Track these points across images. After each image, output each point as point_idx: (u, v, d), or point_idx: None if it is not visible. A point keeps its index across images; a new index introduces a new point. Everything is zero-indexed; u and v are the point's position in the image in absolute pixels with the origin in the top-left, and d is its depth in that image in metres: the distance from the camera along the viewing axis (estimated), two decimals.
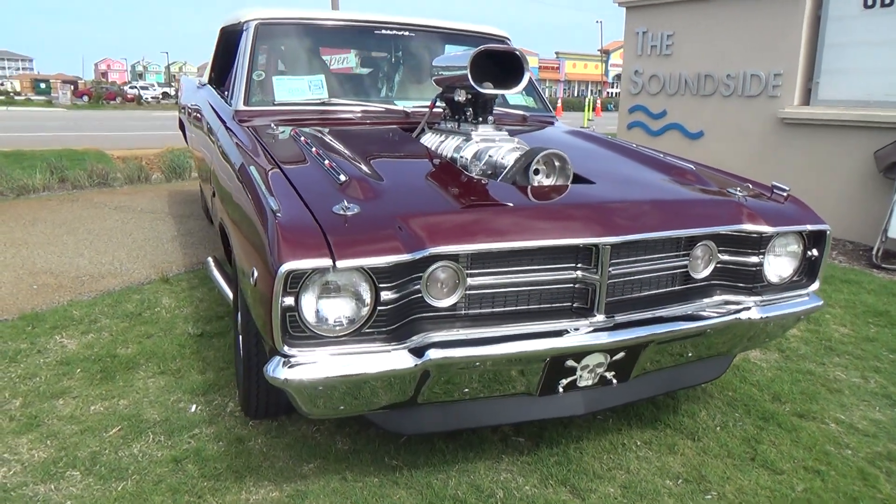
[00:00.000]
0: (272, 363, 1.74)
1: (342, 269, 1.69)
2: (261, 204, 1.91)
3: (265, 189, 1.98)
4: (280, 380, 1.70)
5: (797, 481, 2.22)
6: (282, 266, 1.63)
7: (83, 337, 3.13)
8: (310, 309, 1.73)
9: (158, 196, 6.73)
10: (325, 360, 1.73)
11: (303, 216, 1.81)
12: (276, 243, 1.69)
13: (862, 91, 5.35)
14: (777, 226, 2.25)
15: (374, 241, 1.76)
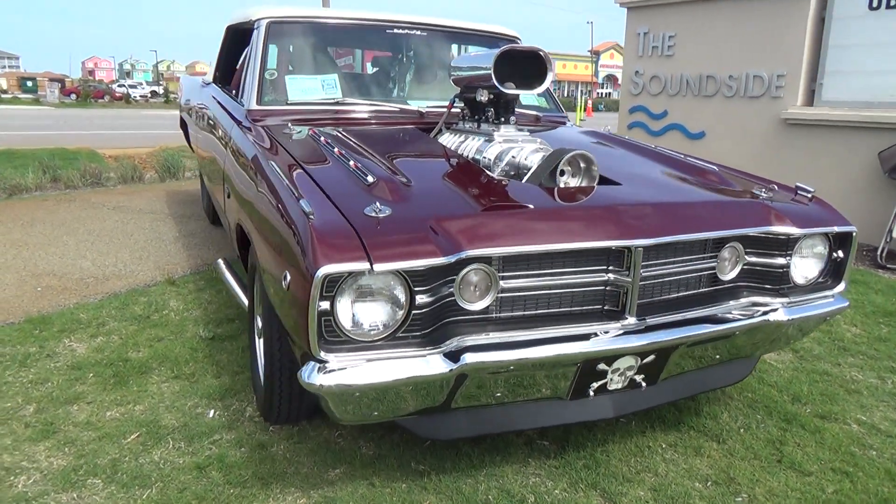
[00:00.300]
0: (307, 369, 1.70)
1: (379, 272, 1.66)
2: (291, 206, 1.87)
3: (294, 191, 1.94)
4: (316, 385, 1.67)
5: (826, 483, 2.21)
6: (319, 270, 1.60)
7: (92, 340, 3.08)
8: (345, 313, 1.70)
9: (156, 196, 6.65)
10: (361, 365, 1.70)
11: (336, 218, 1.77)
12: (311, 247, 1.66)
13: (866, 92, 5.37)
14: (804, 227, 2.24)
15: (409, 243, 1.73)
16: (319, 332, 1.66)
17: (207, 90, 4.26)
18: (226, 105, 3.43)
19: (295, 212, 1.83)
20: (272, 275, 1.96)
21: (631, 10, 7.13)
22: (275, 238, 1.94)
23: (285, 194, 1.97)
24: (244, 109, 3.05)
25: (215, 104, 3.70)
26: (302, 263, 1.67)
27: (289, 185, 2.02)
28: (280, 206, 1.95)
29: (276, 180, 2.11)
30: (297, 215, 1.81)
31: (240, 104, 3.17)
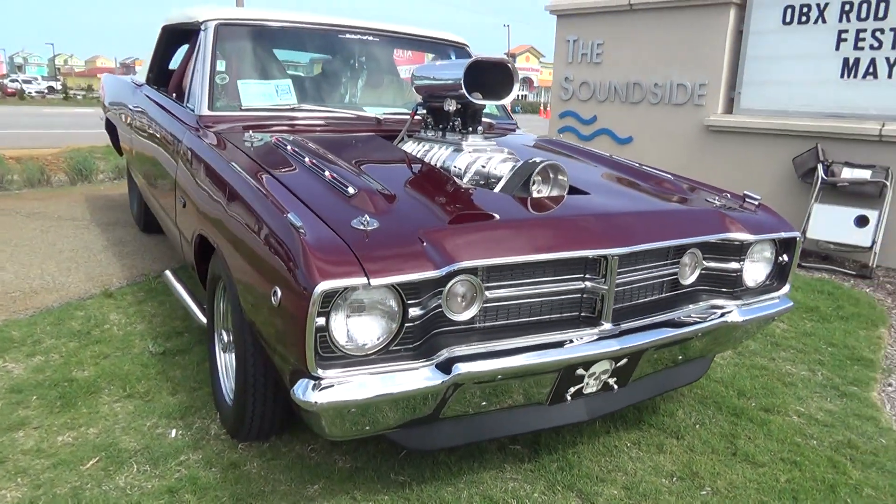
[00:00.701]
0: (301, 386, 1.67)
1: (376, 286, 1.65)
2: (276, 220, 1.83)
3: (276, 203, 1.89)
4: (311, 403, 1.64)
5: (779, 473, 2.36)
6: (317, 287, 1.57)
7: (29, 360, 2.88)
8: (340, 329, 1.68)
9: (74, 201, 6.28)
10: (357, 380, 1.68)
11: (326, 232, 1.74)
12: (306, 263, 1.62)
13: (781, 101, 5.75)
14: (757, 233, 2.39)
15: (403, 256, 1.73)
16: (315, 349, 1.63)
17: (142, 92, 4.06)
18: (171, 109, 3.29)
19: (282, 226, 1.79)
20: (254, 290, 1.91)
21: (560, 17, 7.32)
22: (257, 253, 1.88)
23: (266, 207, 1.92)
24: (194, 115, 2.94)
25: (156, 108, 3.53)
26: (295, 279, 1.63)
27: (268, 197, 1.96)
28: (262, 219, 1.89)
29: (251, 192, 2.05)
30: (284, 230, 1.76)
31: (188, 109, 3.05)
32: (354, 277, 1.62)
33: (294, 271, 1.65)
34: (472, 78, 2.51)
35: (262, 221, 1.89)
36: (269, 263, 1.79)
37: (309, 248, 1.65)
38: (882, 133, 5.13)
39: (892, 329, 3.98)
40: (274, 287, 1.71)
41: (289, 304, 1.66)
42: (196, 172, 2.56)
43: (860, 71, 5.33)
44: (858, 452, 2.54)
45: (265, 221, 1.88)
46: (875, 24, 5.22)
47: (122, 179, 7.88)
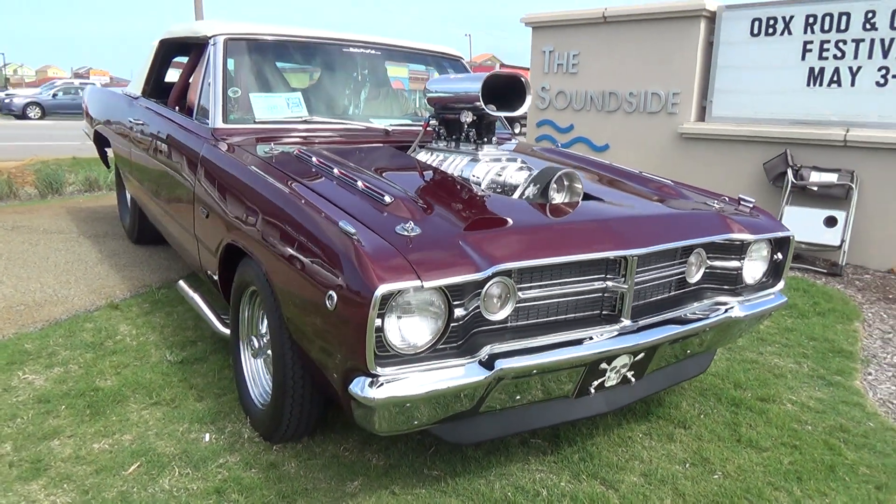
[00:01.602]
0: (358, 383, 1.77)
1: (428, 288, 1.76)
2: (327, 228, 1.92)
3: (325, 212, 1.99)
4: (370, 398, 1.74)
5: (781, 456, 2.54)
6: (377, 289, 1.68)
7: (48, 372, 2.90)
8: (393, 329, 1.78)
9: (56, 214, 6.21)
10: (411, 377, 1.79)
11: (376, 238, 1.85)
12: (364, 267, 1.73)
13: (750, 109, 6.03)
14: (756, 233, 2.57)
15: (449, 260, 1.84)
16: (373, 348, 1.73)
17: (140, 105, 4.09)
18: (181, 123, 3.34)
19: (333, 233, 1.88)
20: (301, 295, 2.00)
21: (536, 29, 7.53)
22: (306, 260, 1.97)
23: (312, 216, 2.02)
24: (209, 128, 3.01)
25: (163, 121, 3.57)
26: (353, 284, 1.73)
27: (312, 207, 2.06)
28: (310, 227, 1.99)
29: (292, 202, 2.14)
30: (336, 237, 1.86)
31: (201, 122, 3.11)
32: (409, 280, 1.73)
33: (352, 276, 1.75)
34: (487, 91, 2.64)
35: (311, 230, 1.99)
36: (322, 269, 1.89)
37: (366, 254, 1.76)
38: (847, 138, 5.43)
39: (865, 323, 4.23)
40: (329, 292, 1.81)
41: (346, 307, 1.75)
42: (222, 184, 2.63)
43: (825, 80, 5.64)
44: (850, 435, 2.73)
45: (314, 230, 1.97)
46: (838, 36, 5.53)
47: (95, 192, 7.81)
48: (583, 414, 2.34)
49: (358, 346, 1.73)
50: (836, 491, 2.33)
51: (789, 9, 5.77)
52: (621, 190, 2.81)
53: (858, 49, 5.44)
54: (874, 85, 5.39)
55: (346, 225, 1.85)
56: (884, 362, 3.59)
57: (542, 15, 7.45)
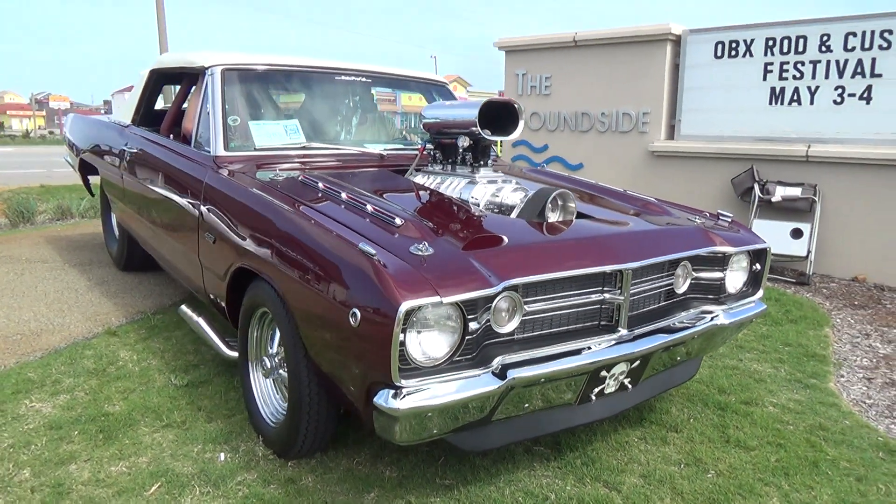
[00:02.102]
0: (382, 396, 1.87)
1: (447, 303, 1.88)
2: (346, 249, 2.04)
3: (342, 234, 2.10)
4: (395, 409, 1.84)
5: (768, 454, 2.70)
6: (401, 305, 1.79)
7: (55, 399, 2.93)
8: (414, 343, 1.90)
9: (35, 243, 6.17)
10: (432, 388, 1.90)
11: (394, 258, 1.97)
12: (387, 285, 1.84)
13: (716, 128, 6.31)
14: (737, 246, 2.75)
15: (463, 277, 1.97)
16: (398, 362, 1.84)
17: (132, 133, 4.15)
18: (179, 150, 3.42)
19: (353, 255, 2.00)
20: (320, 314, 2.09)
21: (509, 53, 7.76)
22: (325, 280, 2.07)
23: (329, 238, 2.13)
24: (210, 156, 3.10)
25: (158, 148, 3.65)
26: (378, 301, 1.85)
27: (326, 230, 2.17)
28: (328, 249, 2.10)
29: (307, 225, 2.25)
30: (357, 258, 1.98)
31: (202, 150, 3.20)
32: (429, 297, 1.85)
33: (375, 294, 1.86)
34: (482, 116, 2.79)
35: (330, 252, 2.10)
36: (343, 289, 1.99)
37: (388, 273, 1.87)
38: (808, 154, 5.73)
39: (834, 328, 4.46)
40: (351, 309, 1.91)
41: (370, 324, 1.86)
42: (231, 210, 2.72)
43: (786, 98, 5.95)
44: (829, 433, 2.91)
45: (333, 252, 2.08)
46: (796, 58, 5.85)
47: (68, 220, 7.74)
48: (585, 420, 2.47)
49: (382, 359, 1.84)
50: (820, 484, 2.50)
51: (750, 32, 6.08)
52: (609, 208, 2.98)
53: (816, 70, 5.76)
54: (832, 103, 5.71)
55: (365, 246, 1.97)
56: (854, 365, 3.81)
57: (514, 39, 7.69)
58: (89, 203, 8.14)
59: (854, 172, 5.58)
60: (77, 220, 7.78)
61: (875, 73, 5.48)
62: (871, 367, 3.77)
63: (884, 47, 5.42)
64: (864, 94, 5.55)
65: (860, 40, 5.51)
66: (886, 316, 4.74)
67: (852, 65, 5.57)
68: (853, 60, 5.57)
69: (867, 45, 5.48)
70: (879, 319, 4.66)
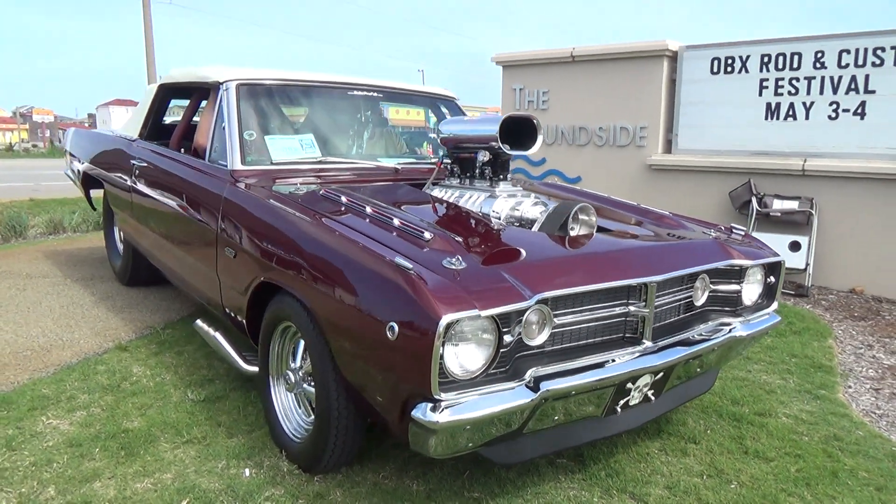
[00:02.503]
0: (420, 409, 1.88)
1: (484, 316, 1.90)
2: (379, 263, 2.05)
3: (377, 249, 2.12)
4: (434, 422, 1.85)
5: (788, 465, 2.73)
6: (442, 319, 1.80)
7: (72, 416, 2.90)
8: (451, 356, 1.91)
9: (33, 258, 6.11)
10: (471, 400, 1.91)
11: (429, 272, 1.98)
12: (426, 299, 1.86)
13: (713, 142, 6.40)
14: (753, 259, 2.79)
15: (498, 290, 1.99)
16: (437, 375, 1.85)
17: (140, 147, 4.15)
18: (193, 165, 3.42)
19: (389, 269, 2.01)
20: (353, 328, 2.10)
21: (506, 68, 7.84)
22: (360, 294, 2.08)
23: (364, 253, 2.14)
24: (227, 170, 3.10)
25: (171, 163, 3.64)
26: (417, 315, 1.86)
27: (361, 244, 2.18)
28: (363, 264, 2.10)
29: (339, 240, 2.26)
30: (392, 271, 1.99)
31: (217, 165, 3.21)
32: (468, 310, 1.87)
33: (414, 308, 1.87)
34: (502, 131, 2.82)
35: (363, 266, 2.11)
36: (379, 303, 2.00)
37: (427, 286, 1.89)
38: (805, 168, 5.82)
39: (837, 340, 4.52)
40: (389, 323, 1.92)
41: (408, 337, 1.87)
42: (253, 224, 2.72)
43: (781, 114, 6.05)
44: (844, 444, 2.95)
45: (367, 266, 2.09)
46: (791, 74, 5.96)
47: (60, 235, 7.65)
48: (612, 432, 2.48)
49: (422, 372, 1.85)
50: (842, 494, 2.53)
51: (745, 49, 6.20)
52: (626, 221, 3.02)
53: (811, 86, 5.87)
54: (826, 119, 5.82)
55: (401, 261, 1.98)
56: (860, 375, 3.86)
57: (511, 55, 7.77)
58: (81, 217, 8.09)
59: (850, 186, 5.68)
60: (70, 235, 7.71)
61: (868, 89, 5.60)
62: (877, 378, 3.83)
63: (877, 64, 5.54)
64: (858, 109, 5.66)
65: (853, 57, 5.63)
66: (886, 327, 4.82)
67: (846, 81, 5.69)
68: (847, 77, 5.68)
69: (860, 62, 5.60)
70: (880, 331, 4.73)
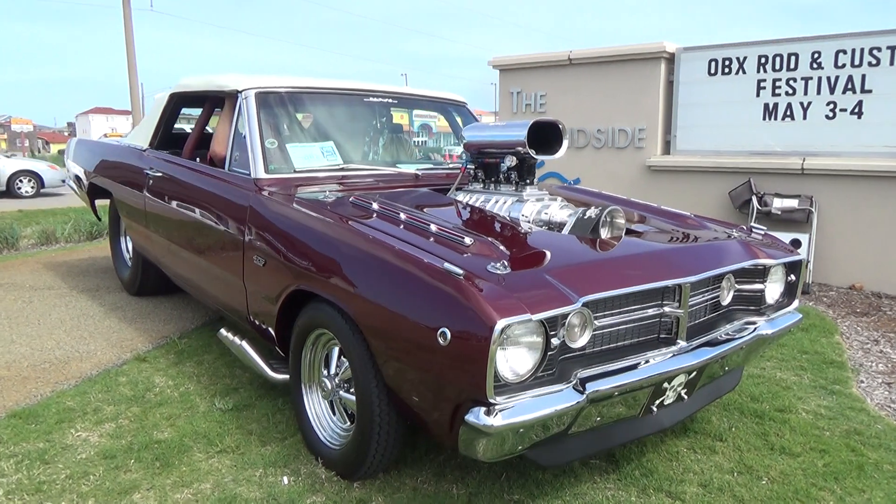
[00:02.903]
0: (474, 413, 1.90)
1: (535, 320, 1.92)
2: (426, 269, 2.06)
3: (421, 255, 2.13)
4: (489, 426, 1.87)
5: (815, 459, 2.78)
6: (497, 323, 1.83)
7: (100, 428, 2.88)
8: (502, 360, 1.93)
9: (33, 270, 6.04)
10: (522, 403, 1.93)
11: (477, 278, 2.00)
12: (480, 304, 1.88)
13: (711, 142, 6.49)
14: (776, 258, 2.85)
15: (546, 294, 2.01)
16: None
17: (152, 156, 4.13)
18: (213, 174, 3.41)
19: (436, 274, 2.03)
20: (402, 335, 2.10)
21: (503, 71, 7.89)
22: (407, 300, 2.09)
23: (407, 259, 2.15)
24: (250, 179, 3.10)
25: (189, 172, 3.63)
26: (469, 320, 1.88)
27: (401, 251, 2.20)
28: (410, 270, 2.12)
29: (381, 246, 2.27)
30: (441, 277, 2.01)
31: (239, 173, 3.20)
32: (521, 314, 1.89)
33: (466, 313, 1.89)
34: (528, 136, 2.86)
35: (408, 272, 2.12)
36: (427, 309, 2.02)
37: (480, 292, 1.91)
38: (804, 166, 5.92)
39: (843, 336, 4.60)
40: (440, 329, 1.94)
41: (462, 342, 1.89)
42: (286, 232, 2.72)
43: (779, 114, 6.15)
44: (865, 438, 3.00)
45: (412, 272, 2.11)
46: (788, 74, 6.06)
47: (52, 246, 7.55)
48: (649, 431, 2.51)
49: (476, 377, 1.86)
50: (871, 487, 2.58)
51: (742, 50, 6.29)
52: (650, 224, 3.05)
53: (808, 86, 5.97)
54: (824, 118, 5.91)
55: (451, 266, 2.00)
56: (871, 370, 3.93)
57: (509, 58, 7.82)
58: (73, 227, 8.02)
59: (848, 184, 5.78)
60: (63, 246, 7.63)
61: (865, 88, 5.71)
62: (887, 373, 3.90)
63: (873, 64, 5.65)
64: (855, 108, 5.77)
65: (850, 57, 5.73)
66: (889, 322, 4.91)
67: (843, 81, 5.79)
68: (844, 77, 5.79)
69: (857, 62, 5.71)
70: (883, 326, 4.81)
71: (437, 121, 21.49)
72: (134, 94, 23.42)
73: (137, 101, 24.17)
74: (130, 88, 23.33)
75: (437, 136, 27.03)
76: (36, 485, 2.42)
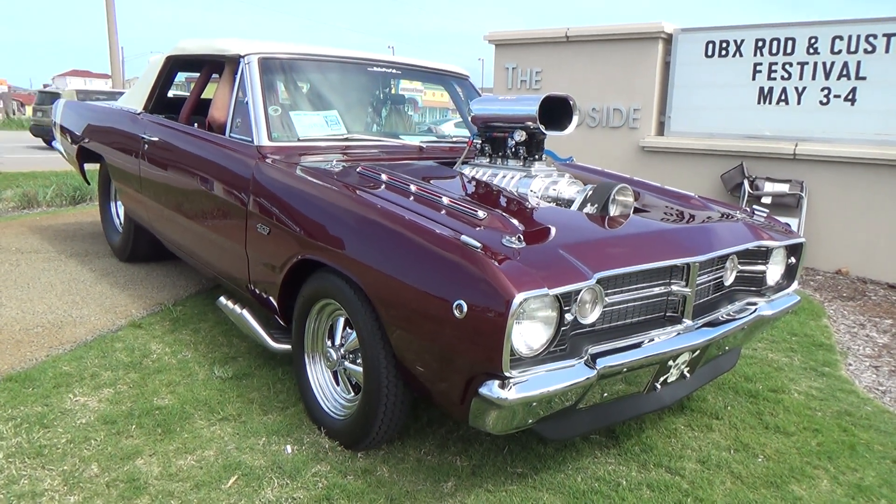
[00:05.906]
0: (488, 386, 1.90)
1: (552, 295, 1.92)
2: (442, 241, 2.05)
3: (436, 228, 2.12)
4: (504, 399, 1.87)
5: (808, 438, 2.84)
6: (515, 297, 1.82)
7: (99, 393, 2.85)
8: (517, 334, 1.93)
9: (19, 233, 5.92)
10: (536, 377, 1.94)
11: (493, 251, 1.99)
12: (498, 278, 1.87)
13: (706, 124, 6.51)
14: (779, 240, 2.87)
15: (561, 269, 2.02)
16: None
17: (147, 120, 4.04)
18: (214, 140, 3.34)
19: (452, 246, 2.01)
20: (415, 307, 2.09)
21: (499, 46, 7.81)
22: (422, 272, 2.08)
23: (422, 230, 2.13)
24: (253, 146, 3.05)
25: (187, 138, 3.56)
26: (486, 293, 1.87)
27: (415, 222, 2.18)
28: (425, 242, 2.10)
29: (395, 217, 2.25)
30: (457, 249, 1.99)
31: (241, 140, 3.15)
32: (539, 288, 1.89)
33: (484, 286, 1.89)
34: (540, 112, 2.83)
35: (422, 244, 2.10)
36: (444, 281, 2.01)
37: (496, 265, 1.90)
38: (796, 151, 5.96)
39: (831, 319, 4.68)
40: (456, 301, 1.93)
41: (478, 316, 1.88)
42: (292, 201, 2.68)
43: (774, 98, 6.17)
44: (856, 418, 3.07)
45: (427, 244, 2.09)
46: (784, 59, 6.07)
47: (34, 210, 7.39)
48: (652, 407, 2.55)
49: (493, 350, 1.86)
50: (863, 467, 2.64)
51: (740, 33, 6.28)
52: (655, 203, 3.06)
53: (803, 71, 5.99)
54: (818, 104, 5.95)
55: (468, 239, 1.99)
56: (859, 353, 4.01)
57: (505, 33, 7.74)
58: (55, 192, 7.87)
59: (839, 170, 5.84)
60: (45, 210, 7.47)
61: (860, 75, 5.74)
62: (874, 356, 3.98)
63: (868, 51, 5.68)
64: (848, 95, 5.81)
65: (846, 44, 5.76)
66: (874, 307, 5.00)
67: (838, 67, 5.82)
68: (839, 63, 5.81)
69: (853, 49, 5.73)
70: (869, 310, 4.91)
71: (422, 95, 21.19)
72: (114, 57, 22.89)
73: (117, 64, 23.66)
74: (110, 51, 22.79)
75: (422, 111, 27.04)
76: (37, 448, 2.40)
